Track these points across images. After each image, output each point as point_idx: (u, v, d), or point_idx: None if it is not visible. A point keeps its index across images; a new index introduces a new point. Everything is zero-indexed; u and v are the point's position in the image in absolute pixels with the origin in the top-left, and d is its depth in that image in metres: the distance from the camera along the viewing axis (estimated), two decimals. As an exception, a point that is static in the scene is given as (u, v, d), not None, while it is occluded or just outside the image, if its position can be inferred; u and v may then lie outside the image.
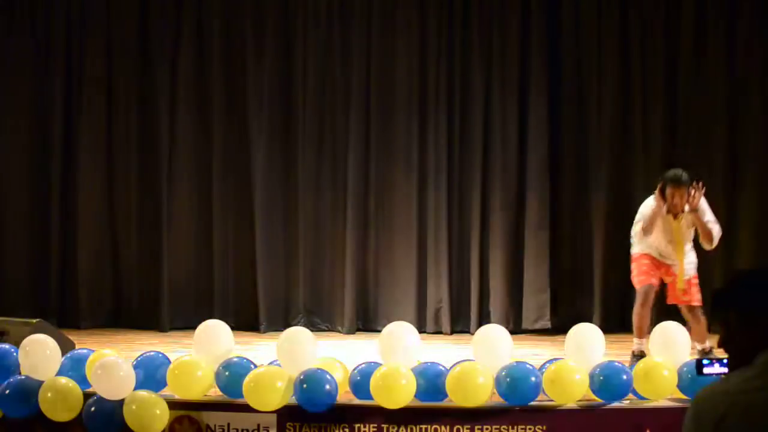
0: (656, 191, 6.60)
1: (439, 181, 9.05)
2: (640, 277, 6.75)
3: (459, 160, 9.08)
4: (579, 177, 8.96)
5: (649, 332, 5.94)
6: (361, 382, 5.42)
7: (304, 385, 5.27)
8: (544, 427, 5.33)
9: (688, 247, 6.78)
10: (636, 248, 6.86)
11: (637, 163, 9.00)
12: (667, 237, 6.72)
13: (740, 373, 2.24)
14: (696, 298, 6.78)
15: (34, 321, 6.42)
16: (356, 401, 5.46)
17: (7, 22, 9.10)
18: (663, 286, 6.89)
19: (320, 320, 9.08)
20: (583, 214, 8.94)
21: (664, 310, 7.29)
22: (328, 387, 5.28)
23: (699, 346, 6.81)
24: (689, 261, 6.78)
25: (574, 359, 5.48)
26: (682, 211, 6.63)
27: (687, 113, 8.98)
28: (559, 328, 8.00)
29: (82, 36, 9.10)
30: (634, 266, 6.85)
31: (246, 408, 5.34)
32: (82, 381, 5.48)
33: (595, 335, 5.58)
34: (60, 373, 5.56)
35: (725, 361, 2.41)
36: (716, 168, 8.93)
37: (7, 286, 9.04)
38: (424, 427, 5.34)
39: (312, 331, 6.11)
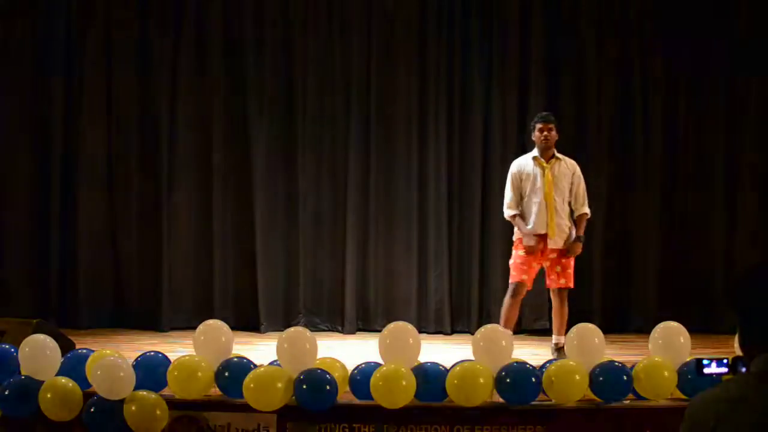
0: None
1: (439, 180, 9.06)
2: (513, 272, 7.10)
3: (459, 160, 9.09)
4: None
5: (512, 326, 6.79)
6: (361, 382, 5.41)
7: (304, 385, 5.27)
8: (544, 427, 5.33)
9: (561, 203, 7.04)
10: (516, 230, 7.13)
11: (637, 163, 9.01)
12: (538, 196, 7.01)
13: (737, 379, 2.23)
14: (571, 279, 7.05)
15: (34, 321, 6.42)
16: (356, 401, 5.46)
17: (7, 22, 9.10)
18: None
19: (320, 320, 9.08)
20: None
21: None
22: (328, 387, 5.28)
23: (554, 340, 7.05)
24: (566, 224, 7.04)
25: (574, 359, 5.49)
26: (553, 157, 7.08)
27: (687, 113, 8.99)
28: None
29: (82, 36, 9.09)
30: (513, 254, 7.12)
31: (246, 408, 5.34)
32: (82, 381, 5.48)
33: (595, 335, 5.58)
34: (60, 373, 5.56)
35: (725, 361, 2.40)
36: (717, 168, 8.94)
37: (7, 286, 9.03)
38: (424, 427, 5.34)
39: (312, 331, 6.11)
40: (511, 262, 7.13)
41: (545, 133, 7.07)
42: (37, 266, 9.09)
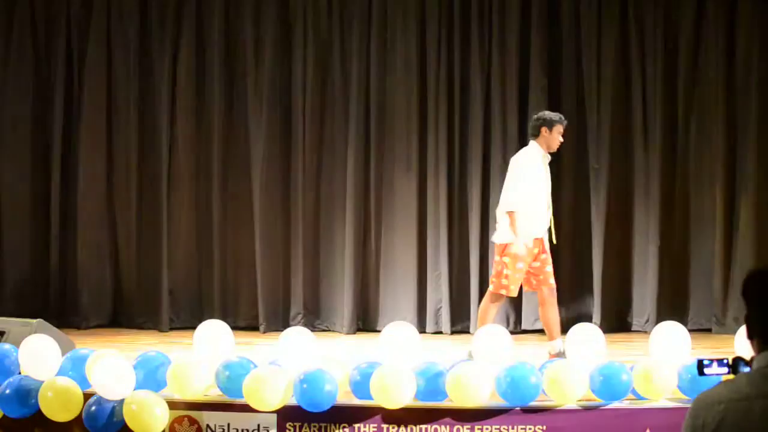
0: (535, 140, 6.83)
1: (439, 180, 9.05)
2: (511, 286, 6.66)
3: (459, 160, 9.08)
4: (579, 177, 8.96)
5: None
6: (361, 382, 5.42)
7: (304, 385, 5.27)
8: (544, 427, 5.33)
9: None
10: (514, 236, 6.60)
11: (637, 163, 9.00)
12: (544, 197, 6.82)
13: (739, 378, 2.24)
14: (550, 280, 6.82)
15: (34, 321, 6.42)
16: (356, 401, 5.46)
17: (7, 22, 9.09)
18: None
19: (320, 320, 9.09)
20: (583, 214, 8.94)
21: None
22: (328, 387, 5.28)
23: (549, 348, 6.72)
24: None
25: (576, 359, 5.49)
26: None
27: (687, 113, 8.98)
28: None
29: (82, 36, 9.09)
30: (509, 263, 6.62)
31: (246, 408, 5.34)
32: (82, 381, 5.48)
33: (595, 335, 5.58)
34: (60, 373, 5.56)
35: (725, 360, 2.40)
36: (716, 167, 8.93)
37: (7, 286, 9.04)
38: (424, 427, 5.34)
39: (312, 331, 6.11)
40: (506, 272, 6.66)
41: (563, 137, 6.88)
42: (38, 266, 9.09)
